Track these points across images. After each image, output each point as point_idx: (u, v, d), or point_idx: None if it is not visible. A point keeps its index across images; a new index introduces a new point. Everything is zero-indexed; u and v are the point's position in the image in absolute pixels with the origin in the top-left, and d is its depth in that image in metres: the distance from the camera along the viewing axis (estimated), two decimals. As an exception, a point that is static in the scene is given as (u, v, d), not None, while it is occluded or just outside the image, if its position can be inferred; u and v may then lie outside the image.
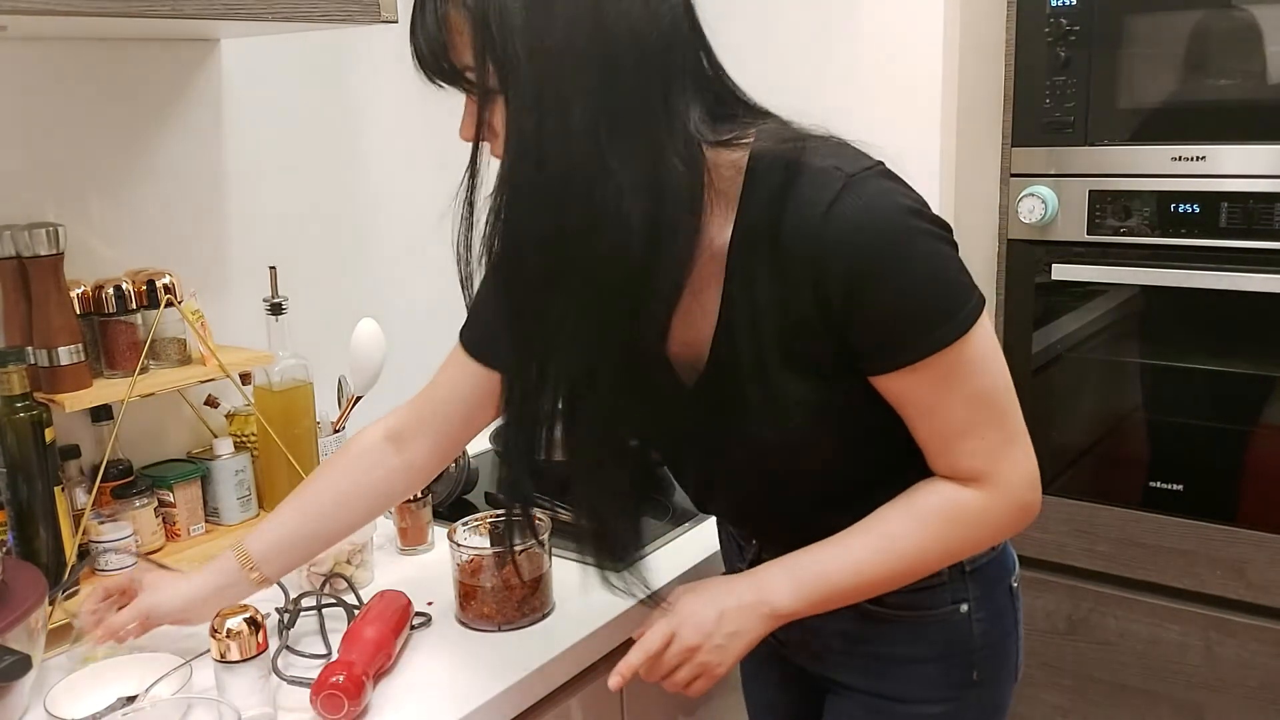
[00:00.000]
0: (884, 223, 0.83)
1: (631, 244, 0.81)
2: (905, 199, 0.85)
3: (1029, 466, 0.92)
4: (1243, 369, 1.76)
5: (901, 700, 1.04)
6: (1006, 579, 1.06)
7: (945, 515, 0.92)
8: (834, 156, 0.85)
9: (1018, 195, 1.84)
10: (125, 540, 1.21)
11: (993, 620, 1.03)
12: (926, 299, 0.85)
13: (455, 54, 0.84)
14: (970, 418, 0.89)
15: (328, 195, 1.53)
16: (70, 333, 1.14)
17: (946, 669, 1.03)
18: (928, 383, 0.87)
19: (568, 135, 0.79)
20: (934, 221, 0.86)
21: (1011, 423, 0.91)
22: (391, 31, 1.57)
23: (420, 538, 1.35)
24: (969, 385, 0.88)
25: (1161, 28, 1.72)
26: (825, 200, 0.82)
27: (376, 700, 1.01)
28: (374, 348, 1.42)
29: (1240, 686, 1.80)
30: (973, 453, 0.90)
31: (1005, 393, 0.90)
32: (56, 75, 1.23)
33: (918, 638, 1.02)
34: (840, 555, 0.94)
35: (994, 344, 0.90)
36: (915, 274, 0.84)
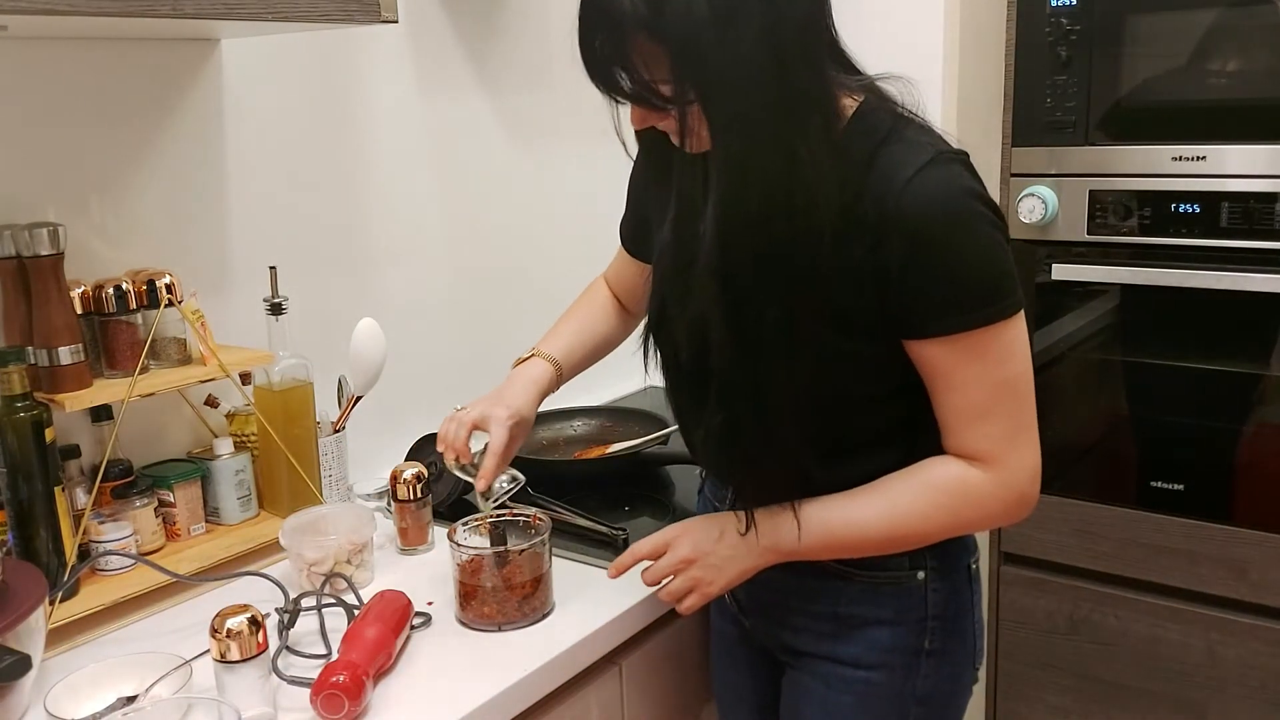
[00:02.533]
0: (957, 200, 0.90)
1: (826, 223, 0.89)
2: (979, 187, 0.93)
3: (1034, 460, 0.98)
4: (1243, 369, 1.76)
5: (854, 665, 1.08)
6: (966, 558, 1.10)
7: (950, 489, 0.98)
8: (928, 133, 0.95)
9: (1018, 195, 1.84)
10: (125, 540, 1.21)
11: (949, 594, 1.07)
12: (978, 277, 0.92)
13: (645, 72, 0.89)
14: (992, 401, 0.95)
15: (327, 195, 1.53)
16: (70, 333, 1.14)
17: (898, 633, 1.07)
18: (959, 357, 0.94)
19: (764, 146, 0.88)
20: (995, 212, 0.94)
21: (1027, 416, 0.97)
22: (391, 31, 1.58)
23: (420, 538, 1.35)
24: (997, 370, 0.94)
25: (1161, 28, 1.72)
26: (913, 167, 0.90)
27: (376, 700, 1.01)
28: (374, 347, 1.42)
29: (1241, 686, 1.80)
30: (986, 435, 0.96)
31: (1027, 388, 0.96)
32: (56, 75, 1.23)
33: (872, 599, 1.06)
34: (845, 507, 1.01)
35: (1026, 344, 0.96)
36: (973, 252, 0.91)
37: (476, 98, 1.72)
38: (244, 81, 1.40)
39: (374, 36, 1.55)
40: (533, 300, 1.85)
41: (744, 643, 1.22)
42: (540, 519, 1.19)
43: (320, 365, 1.40)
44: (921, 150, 0.91)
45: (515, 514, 1.21)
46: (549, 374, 1.24)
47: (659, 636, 1.27)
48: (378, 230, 1.60)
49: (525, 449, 1.60)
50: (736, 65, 0.86)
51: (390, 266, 1.62)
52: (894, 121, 0.94)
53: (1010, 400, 0.95)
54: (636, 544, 1.09)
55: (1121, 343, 1.87)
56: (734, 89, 0.86)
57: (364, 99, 1.56)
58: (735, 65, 0.86)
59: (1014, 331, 0.94)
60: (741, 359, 0.95)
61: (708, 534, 1.05)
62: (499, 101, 1.75)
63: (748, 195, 0.89)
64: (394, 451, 1.52)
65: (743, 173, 0.89)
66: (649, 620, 1.23)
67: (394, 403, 1.58)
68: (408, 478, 1.33)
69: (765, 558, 1.03)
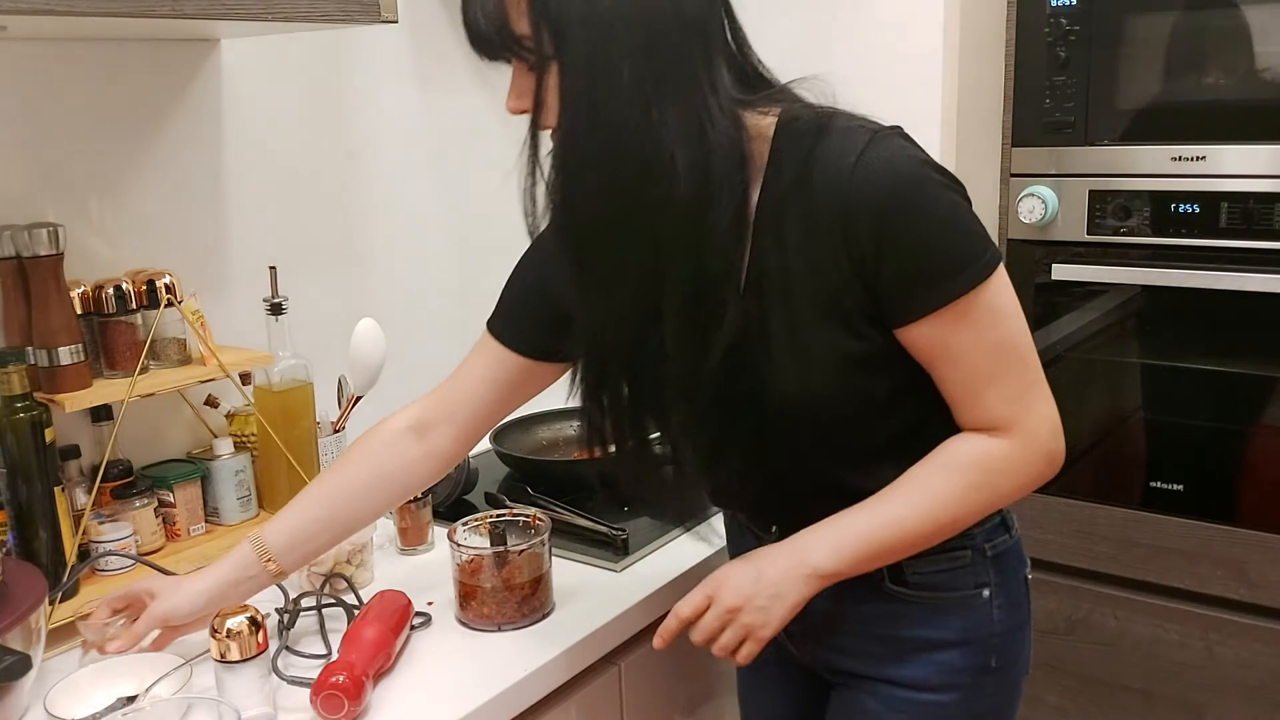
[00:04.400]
0: (906, 173, 0.88)
1: (680, 192, 0.86)
2: (922, 154, 0.91)
3: (1051, 414, 0.97)
4: (1243, 369, 1.76)
5: (917, 687, 1.04)
6: (1022, 569, 1.08)
7: (976, 464, 0.95)
8: (856, 119, 0.92)
9: (1018, 195, 1.84)
10: (125, 540, 1.21)
11: (1011, 608, 1.05)
12: (947, 245, 0.89)
13: (512, 25, 0.89)
14: (994, 365, 0.93)
15: (328, 195, 1.53)
16: (70, 333, 1.14)
17: (966, 654, 1.03)
18: (951, 329, 0.91)
19: (617, 94, 0.85)
20: (949, 176, 0.91)
21: (1032, 371, 0.95)
22: (391, 31, 1.58)
23: (420, 538, 1.35)
24: (992, 332, 0.92)
25: (1162, 28, 1.72)
26: (854, 152, 0.88)
27: (376, 700, 1.01)
28: (374, 347, 1.42)
29: (1240, 687, 1.80)
30: (999, 400, 0.94)
31: (1025, 341, 0.94)
32: (56, 75, 1.22)
33: (939, 621, 1.03)
34: (878, 512, 0.96)
35: (1012, 294, 0.93)
36: (935, 221, 0.89)
37: (476, 98, 1.72)
38: (244, 81, 1.40)
39: (374, 36, 1.55)
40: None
41: (779, 663, 1.16)
42: (540, 519, 1.19)
43: (320, 365, 1.40)
44: (857, 135, 0.89)
45: (515, 514, 1.21)
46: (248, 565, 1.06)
47: (659, 636, 1.27)
48: (378, 230, 1.60)
49: (525, 449, 1.61)
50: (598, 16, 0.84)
51: (390, 267, 1.62)
52: (819, 119, 0.91)
53: (1010, 359, 0.93)
54: (678, 606, 1.00)
55: (1121, 343, 1.87)
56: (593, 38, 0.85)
57: (364, 99, 1.56)
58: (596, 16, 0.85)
59: (996, 289, 0.91)
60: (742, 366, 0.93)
61: (746, 577, 0.98)
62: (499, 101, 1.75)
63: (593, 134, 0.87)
64: (394, 451, 1.52)
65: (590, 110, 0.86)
66: (649, 620, 1.23)
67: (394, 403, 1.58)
68: (408, 478, 1.32)
69: (810, 585, 0.96)
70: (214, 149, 1.39)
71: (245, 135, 1.41)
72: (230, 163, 1.41)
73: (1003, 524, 1.05)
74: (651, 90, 0.86)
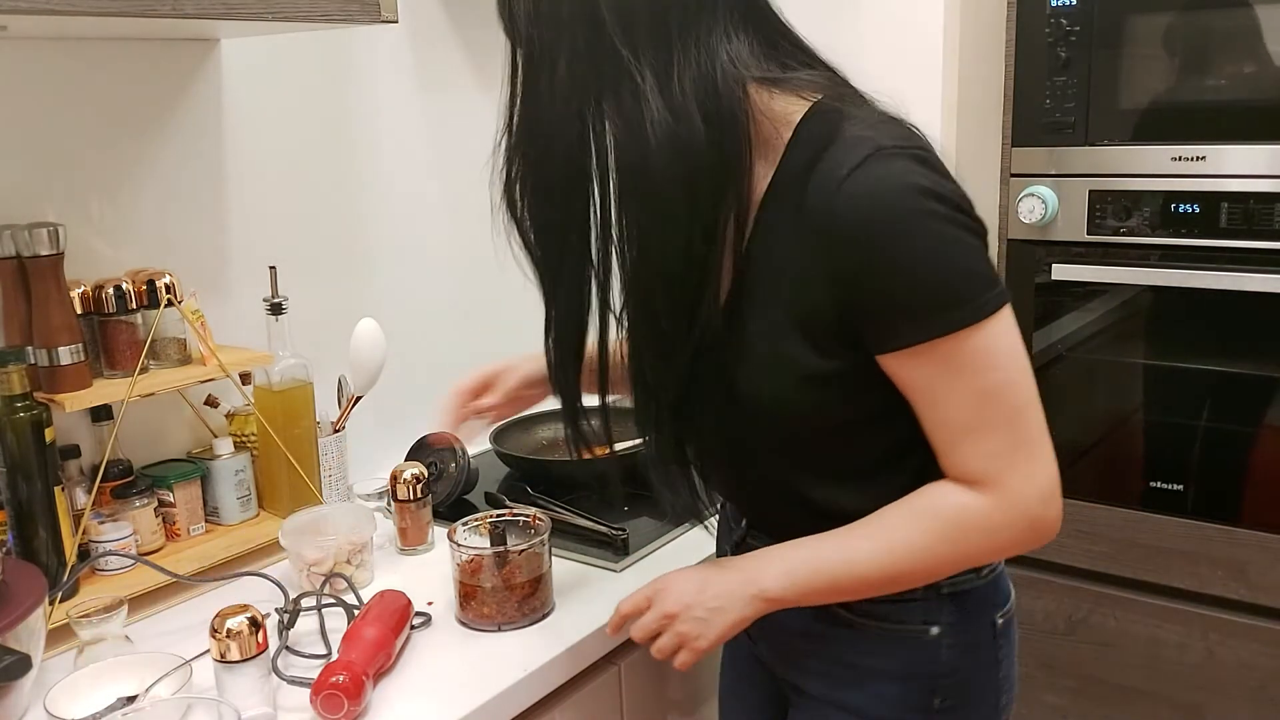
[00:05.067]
0: (894, 197, 0.81)
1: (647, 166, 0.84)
2: (927, 181, 0.82)
3: (1044, 480, 0.88)
4: (1243, 369, 1.76)
5: (858, 714, 1.00)
6: (991, 613, 1.01)
7: (946, 518, 0.89)
8: (874, 128, 0.85)
9: (1018, 195, 1.84)
10: (125, 540, 1.21)
11: (966, 650, 0.99)
12: (930, 281, 0.82)
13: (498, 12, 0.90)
14: (978, 415, 0.85)
15: (328, 195, 1.53)
16: (70, 333, 1.14)
17: (906, 689, 0.99)
18: (932, 370, 0.85)
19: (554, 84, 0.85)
20: (958, 209, 0.84)
21: (1027, 430, 0.87)
22: (392, 31, 1.58)
23: (420, 538, 1.35)
24: (978, 380, 0.84)
25: (1161, 28, 1.72)
26: (848, 167, 0.82)
27: (376, 700, 1.01)
28: (374, 347, 1.42)
29: (1240, 687, 1.80)
30: (980, 454, 0.86)
31: (1021, 396, 0.86)
32: (56, 75, 1.23)
33: (881, 650, 0.99)
34: (836, 547, 0.92)
35: (1014, 343, 0.86)
36: (918, 253, 0.82)
37: (476, 98, 1.72)
38: (244, 81, 1.40)
39: (374, 36, 1.55)
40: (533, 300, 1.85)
41: (756, 671, 1.16)
42: (540, 519, 1.19)
43: (320, 365, 1.40)
44: (859, 147, 0.82)
45: (515, 514, 1.21)
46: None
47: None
48: (378, 230, 1.60)
49: (525, 449, 1.61)
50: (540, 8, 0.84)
51: (390, 266, 1.63)
52: (839, 121, 0.85)
53: (997, 412, 0.85)
54: (620, 601, 1.02)
55: (1121, 343, 1.87)
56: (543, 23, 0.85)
57: (364, 99, 1.56)
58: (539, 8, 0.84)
59: (990, 336, 0.83)
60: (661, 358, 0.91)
61: (690, 585, 0.97)
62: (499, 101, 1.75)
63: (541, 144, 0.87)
64: (394, 451, 1.52)
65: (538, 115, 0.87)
66: (649, 620, 1.23)
67: (394, 403, 1.59)
68: (408, 478, 1.33)
69: (754, 606, 0.94)
70: (214, 149, 1.39)
71: (245, 135, 1.41)
72: (230, 163, 1.41)
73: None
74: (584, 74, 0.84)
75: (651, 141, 0.83)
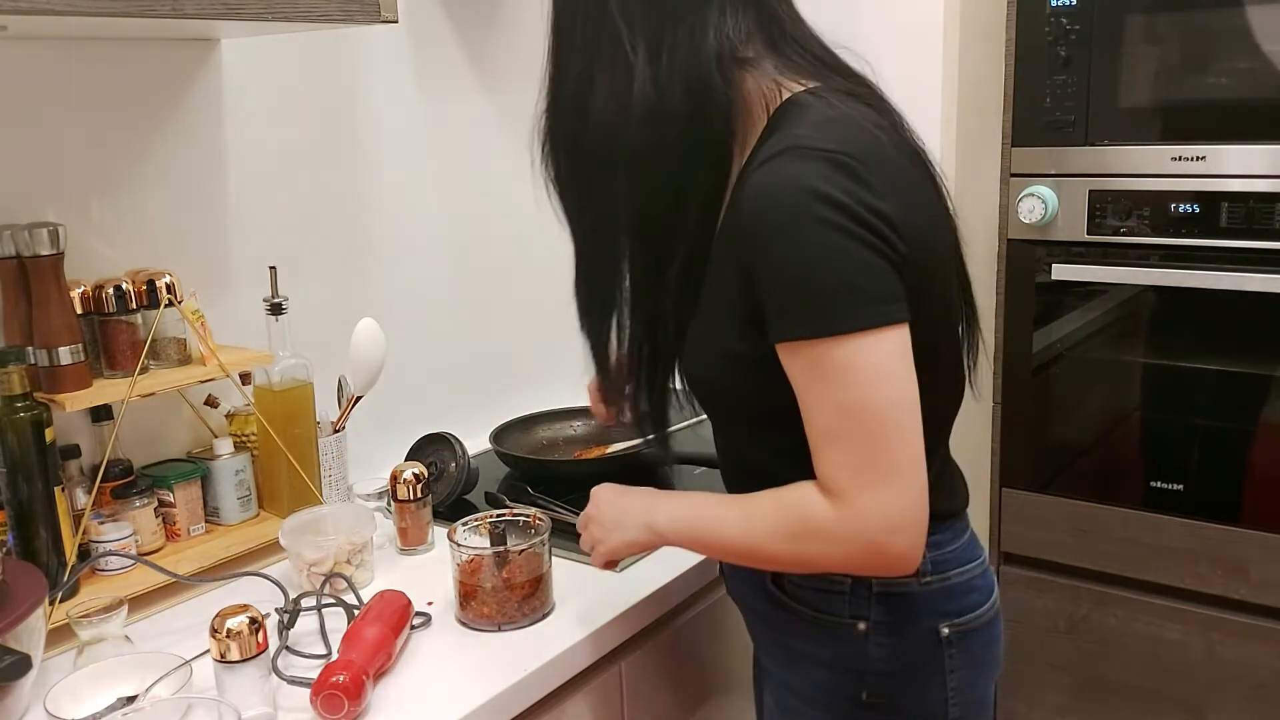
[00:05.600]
0: (780, 197, 0.84)
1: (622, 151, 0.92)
2: (827, 186, 0.83)
3: (892, 508, 0.85)
4: (1243, 369, 1.76)
5: (799, 696, 1.05)
6: (931, 620, 0.99)
7: (796, 515, 0.90)
8: (813, 126, 0.87)
9: (1018, 195, 1.84)
10: (125, 540, 1.21)
11: (901, 653, 0.99)
12: (800, 283, 0.84)
13: None
14: (836, 427, 0.86)
15: (327, 195, 1.53)
16: (70, 333, 1.14)
17: (835, 678, 1.01)
18: (801, 369, 0.87)
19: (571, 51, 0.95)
20: (857, 222, 0.83)
21: (887, 453, 0.85)
22: (392, 31, 1.58)
23: (420, 538, 1.35)
24: (842, 392, 0.84)
25: (1162, 28, 1.72)
26: (761, 159, 0.87)
27: (376, 700, 1.01)
28: (374, 347, 1.42)
29: (1242, 686, 1.80)
30: (834, 464, 0.87)
31: (889, 418, 0.85)
32: (56, 75, 1.23)
33: (813, 637, 1.02)
34: (713, 509, 0.98)
35: (885, 366, 0.84)
36: (794, 255, 0.84)
37: (476, 98, 1.72)
38: (244, 81, 1.40)
39: (374, 36, 1.55)
40: (533, 300, 1.85)
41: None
42: (540, 519, 1.19)
43: (320, 365, 1.40)
44: (781, 141, 0.86)
45: (515, 514, 1.21)
46: None
47: (659, 636, 1.27)
48: (378, 230, 1.60)
49: (525, 449, 1.61)
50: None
51: (390, 266, 1.63)
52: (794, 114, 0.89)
53: (857, 430, 0.84)
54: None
55: (1121, 343, 1.87)
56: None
57: (364, 99, 1.56)
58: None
59: (856, 353, 0.83)
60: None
61: (611, 498, 1.07)
62: (499, 101, 1.75)
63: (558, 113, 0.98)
64: (394, 451, 1.52)
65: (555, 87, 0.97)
66: (649, 620, 1.23)
67: (394, 403, 1.59)
68: (408, 478, 1.33)
69: (644, 533, 1.02)
70: (214, 149, 1.39)
71: (245, 135, 1.41)
72: (230, 163, 1.41)
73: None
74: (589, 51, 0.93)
75: (632, 113, 0.90)
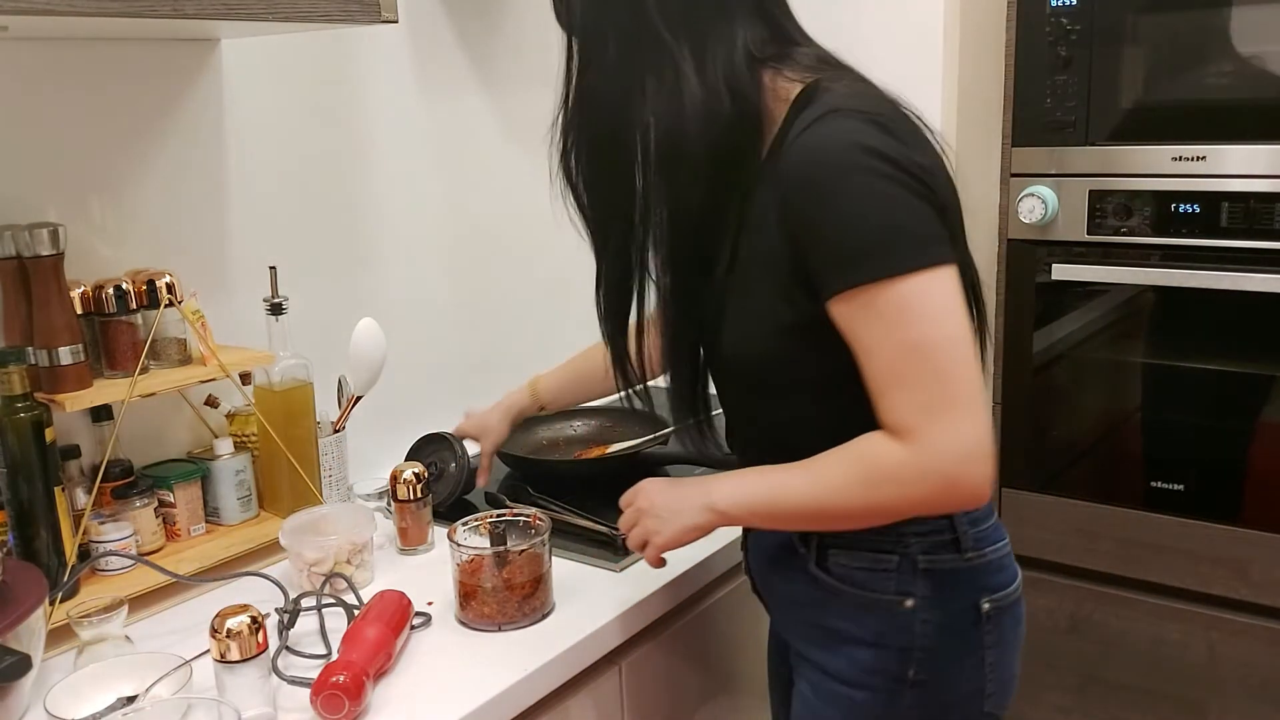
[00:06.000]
0: (831, 152, 0.89)
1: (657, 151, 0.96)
2: (872, 140, 0.88)
3: (967, 439, 0.88)
4: (1243, 369, 1.76)
5: (839, 679, 1.05)
6: (973, 596, 1.02)
7: (867, 462, 0.92)
8: (843, 96, 0.93)
9: (1018, 195, 1.84)
10: (125, 540, 1.21)
11: (944, 628, 1.01)
12: (858, 231, 0.88)
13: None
14: (903, 367, 0.88)
15: (328, 195, 1.53)
16: (70, 333, 1.14)
17: (881, 656, 1.02)
18: (859, 318, 0.89)
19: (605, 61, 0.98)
20: (902, 170, 0.88)
21: (954, 386, 0.88)
22: (391, 31, 1.58)
23: (420, 538, 1.35)
24: (903, 332, 0.88)
25: (1162, 28, 1.72)
26: (803, 125, 0.91)
27: (376, 700, 1.01)
28: (374, 346, 1.42)
29: (1242, 686, 1.80)
30: (903, 405, 0.89)
31: (952, 353, 0.88)
32: (56, 75, 1.23)
33: (858, 617, 1.02)
34: (780, 478, 0.99)
35: (945, 303, 0.88)
36: (847, 204, 0.88)
37: (476, 98, 1.72)
38: (244, 81, 1.40)
39: (374, 36, 1.55)
40: (533, 300, 1.85)
41: (777, 634, 1.24)
42: (540, 519, 1.19)
43: (320, 365, 1.40)
44: (819, 108, 0.91)
45: (515, 514, 1.21)
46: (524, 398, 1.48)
47: (659, 636, 1.27)
48: (378, 230, 1.60)
49: (525, 449, 1.61)
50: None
51: (390, 266, 1.63)
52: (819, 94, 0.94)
53: (923, 366, 0.87)
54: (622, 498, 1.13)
55: (1121, 343, 1.87)
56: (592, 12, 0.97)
57: (364, 99, 1.56)
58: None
59: (919, 289, 0.87)
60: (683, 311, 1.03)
61: (659, 487, 1.08)
62: (499, 101, 1.75)
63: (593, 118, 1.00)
64: (394, 451, 1.52)
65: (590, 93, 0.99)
66: (649, 620, 1.23)
67: (394, 403, 1.59)
68: (408, 478, 1.33)
69: (705, 516, 1.03)
70: (214, 149, 1.39)
71: (245, 135, 1.42)
72: (230, 163, 1.41)
73: (953, 543, 1.01)
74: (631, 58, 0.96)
75: (688, 113, 0.94)
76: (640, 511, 1.08)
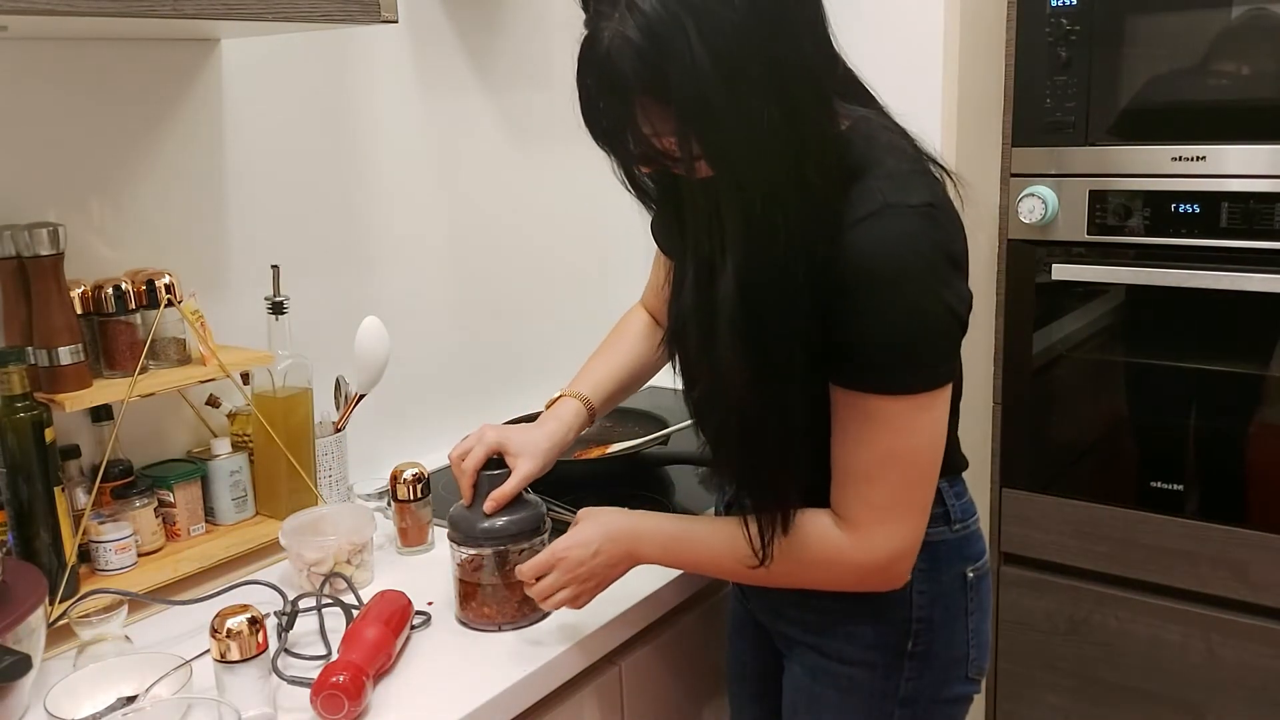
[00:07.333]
0: (888, 260, 0.88)
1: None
2: (928, 249, 0.89)
3: (903, 541, 0.96)
4: (1243, 369, 1.76)
5: (837, 659, 1.08)
6: (960, 565, 1.08)
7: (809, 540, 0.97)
8: (891, 179, 0.90)
9: (1018, 195, 1.84)
10: (125, 540, 1.21)
11: (936, 598, 1.06)
12: (883, 343, 0.90)
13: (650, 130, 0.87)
14: (875, 469, 0.93)
15: (328, 195, 1.53)
16: (70, 333, 1.14)
17: (880, 631, 1.06)
18: (853, 413, 0.93)
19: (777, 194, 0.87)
20: (948, 286, 0.90)
21: (912, 493, 0.95)
22: (391, 31, 1.58)
23: (420, 538, 1.35)
24: (890, 441, 0.92)
25: (1161, 28, 1.72)
26: (856, 216, 0.88)
27: (376, 700, 1.01)
28: (378, 345, 1.42)
29: (1241, 687, 1.80)
30: (859, 499, 0.95)
31: (922, 467, 0.95)
32: (56, 75, 1.23)
33: (855, 595, 1.04)
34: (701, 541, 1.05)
35: (938, 418, 0.94)
36: (889, 314, 0.89)
37: (476, 98, 1.72)
38: (244, 81, 1.40)
39: (374, 36, 1.55)
40: (533, 299, 1.85)
41: (751, 620, 1.23)
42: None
43: (321, 365, 1.40)
44: (871, 200, 0.88)
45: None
46: (580, 413, 1.24)
47: (659, 637, 1.27)
48: (378, 230, 1.60)
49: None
50: (746, 119, 0.83)
51: (390, 266, 1.63)
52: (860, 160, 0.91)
53: (892, 470, 0.93)
54: (521, 568, 1.08)
55: (1121, 343, 1.87)
56: (746, 144, 0.84)
57: (364, 99, 1.56)
58: (744, 119, 0.83)
59: (915, 409, 0.92)
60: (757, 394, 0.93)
61: (586, 552, 1.06)
62: (499, 101, 1.75)
63: (772, 251, 0.88)
64: (394, 451, 1.52)
65: (766, 229, 0.87)
66: (649, 620, 1.23)
67: (394, 403, 1.59)
68: (408, 478, 1.33)
69: (632, 566, 1.08)
70: (214, 149, 1.39)
71: (245, 135, 1.41)
72: (230, 163, 1.41)
73: (944, 516, 1.06)
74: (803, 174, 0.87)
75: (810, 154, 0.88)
76: (569, 575, 1.05)
